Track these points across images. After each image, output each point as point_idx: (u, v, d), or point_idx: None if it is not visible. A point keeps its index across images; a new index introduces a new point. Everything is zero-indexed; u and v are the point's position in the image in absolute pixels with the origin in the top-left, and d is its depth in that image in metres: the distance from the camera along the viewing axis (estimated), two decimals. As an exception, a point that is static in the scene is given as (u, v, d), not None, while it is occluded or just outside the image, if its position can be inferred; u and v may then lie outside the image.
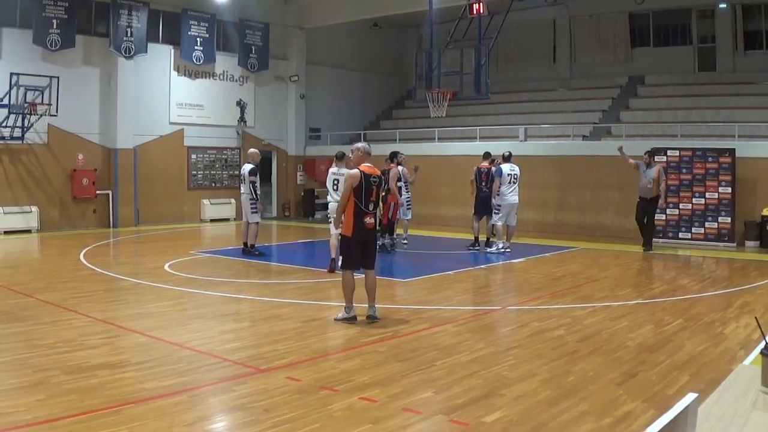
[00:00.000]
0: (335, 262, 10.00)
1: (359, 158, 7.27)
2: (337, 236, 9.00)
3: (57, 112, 15.74)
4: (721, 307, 8.22)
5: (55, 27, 16.24)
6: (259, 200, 12.43)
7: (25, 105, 15.18)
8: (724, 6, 18.86)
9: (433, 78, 14.13)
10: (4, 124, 15.43)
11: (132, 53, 17.58)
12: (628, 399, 4.79)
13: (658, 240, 14.36)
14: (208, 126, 19.89)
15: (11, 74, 15.12)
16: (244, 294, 9.01)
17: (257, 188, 12.33)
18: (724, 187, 14.30)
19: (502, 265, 11.85)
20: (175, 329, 6.88)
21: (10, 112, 15.30)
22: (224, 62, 20.20)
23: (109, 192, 17.66)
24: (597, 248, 13.90)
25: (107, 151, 17.67)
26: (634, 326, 7.08)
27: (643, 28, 20.77)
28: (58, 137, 16.68)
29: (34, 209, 16.27)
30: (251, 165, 12.30)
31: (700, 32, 19.80)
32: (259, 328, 7.07)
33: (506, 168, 12.74)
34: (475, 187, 13.55)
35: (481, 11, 14.28)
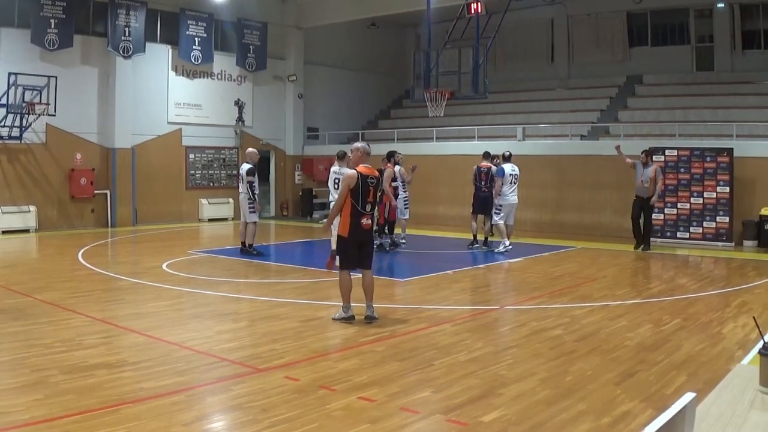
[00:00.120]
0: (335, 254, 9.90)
1: (358, 158, 7.28)
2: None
3: (55, 111, 15.72)
4: (719, 306, 8.22)
5: (53, 27, 16.22)
6: (257, 200, 12.43)
7: (23, 105, 15.16)
8: (722, 5, 18.87)
9: (431, 77, 14.12)
10: (2, 123, 15.41)
11: (130, 53, 17.57)
12: (626, 398, 4.79)
13: (656, 239, 14.37)
14: (206, 126, 19.88)
15: (9, 74, 15.12)
16: (242, 293, 9.01)
17: (255, 188, 12.32)
18: (722, 187, 14.31)
19: (500, 265, 11.85)
20: (173, 329, 6.87)
21: (8, 112, 15.29)
22: (222, 62, 20.19)
23: (107, 191, 17.65)
24: (595, 248, 13.91)
25: (105, 150, 17.66)
26: (632, 326, 7.09)
27: (641, 28, 20.79)
28: (56, 137, 16.66)
29: (32, 209, 16.25)
30: (249, 164, 12.30)
31: (698, 32, 19.82)
32: (257, 328, 7.07)
33: (507, 168, 12.75)
34: (474, 187, 13.56)
35: (479, 11, 14.27)
